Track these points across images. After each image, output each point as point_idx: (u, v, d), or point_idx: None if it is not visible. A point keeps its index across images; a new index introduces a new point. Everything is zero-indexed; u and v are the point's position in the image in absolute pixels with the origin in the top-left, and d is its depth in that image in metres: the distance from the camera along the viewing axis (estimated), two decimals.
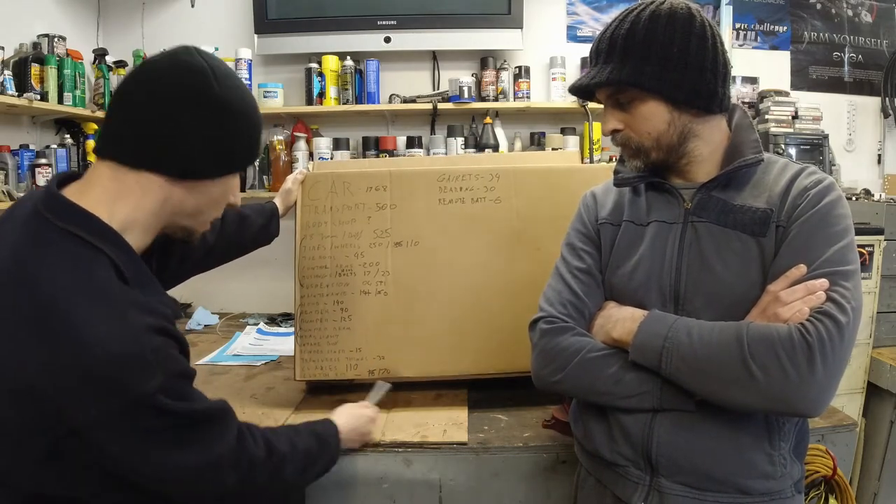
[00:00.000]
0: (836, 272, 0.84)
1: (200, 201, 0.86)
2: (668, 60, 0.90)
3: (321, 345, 1.48)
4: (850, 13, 2.98)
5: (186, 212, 0.85)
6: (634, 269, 0.99)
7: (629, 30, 0.92)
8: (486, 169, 1.54)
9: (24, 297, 0.70)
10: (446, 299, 1.49)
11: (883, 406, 2.29)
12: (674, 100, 0.92)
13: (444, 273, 1.50)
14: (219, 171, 0.86)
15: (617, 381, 0.94)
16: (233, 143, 0.85)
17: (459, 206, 1.52)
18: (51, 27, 2.35)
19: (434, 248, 1.50)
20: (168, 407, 0.74)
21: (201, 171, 0.84)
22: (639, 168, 0.99)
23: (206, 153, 0.83)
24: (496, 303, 1.48)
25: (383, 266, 1.50)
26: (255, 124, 0.89)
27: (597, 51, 0.97)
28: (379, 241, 1.50)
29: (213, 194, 0.87)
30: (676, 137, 0.95)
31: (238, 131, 0.85)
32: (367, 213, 1.51)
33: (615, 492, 0.98)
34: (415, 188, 1.52)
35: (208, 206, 0.88)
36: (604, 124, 1.00)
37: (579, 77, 1.00)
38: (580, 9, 2.83)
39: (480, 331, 1.48)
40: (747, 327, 0.84)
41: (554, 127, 2.75)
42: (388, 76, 2.69)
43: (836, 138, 2.85)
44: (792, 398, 0.80)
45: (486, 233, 1.51)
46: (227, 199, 0.91)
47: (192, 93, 0.80)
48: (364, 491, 1.27)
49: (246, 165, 0.92)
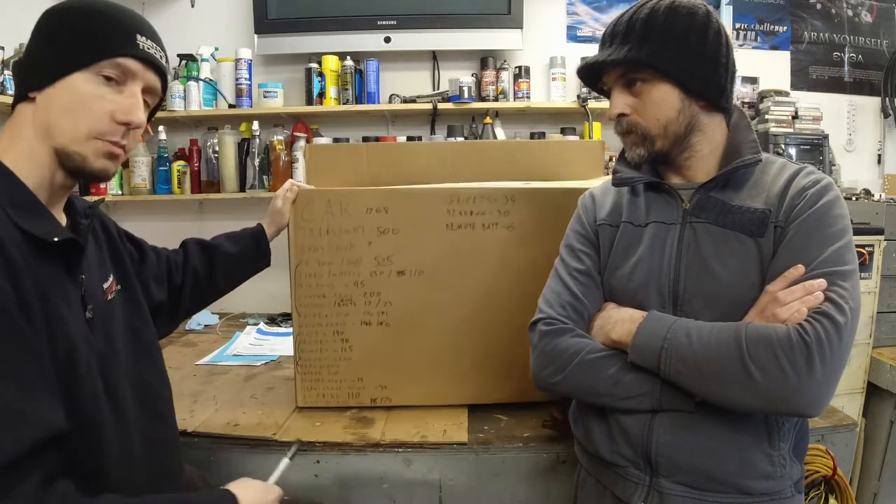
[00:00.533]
0: (834, 272, 0.84)
1: (51, 114, 0.78)
2: (685, 48, 0.91)
3: (321, 373, 1.43)
4: (850, 13, 2.98)
5: (49, 130, 0.78)
6: (633, 270, 0.99)
7: (649, 15, 0.92)
8: (500, 190, 1.38)
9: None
10: (451, 331, 1.41)
11: (883, 406, 2.29)
12: (687, 87, 0.93)
13: (451, 305, 1.40)
14: (50, 76, 0.78)
15: (616, 382, 0.94)
16: (54, 43, 0.79)
17: (469, 232, 1.38)
18: None
19: (440, 278, 1.39)
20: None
21: (35, 82, 0.79)
22: (641, 157, 0.98)
23: (36, 61, 0.80)
24: (505, 334, 1.40)
25: (385, 296, 1.40)
26: (84, 15, 0.80)
27: (612, 33, 0.96)
28: (380, 269, 1.39)
29: (62, 101, 0.78)
30: (683, 127, 0.95)
31: (59, 28, 0.80)
32: (367, 237, 1.38)
33: (615, 492, 0.98)
34: (419, 211, 1.37)
35: (63, 118, 0.78)
36: (611, 108, 0.98)
37: (589, 57, 0.98)
38: (580, 9, 2.83)
39: (486, 363, 1.43)
40: (746, 328, 0.84)
41: (554, 127, 2.75)
42: (388, 76, 2.69)
43: (836, 138, 2.85)
44: (791, 398, 0.80)
45: (496, 263, 1.39)
46: (88, 105, 0.78)
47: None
48: (364, 491, 1.27)
49: (83, 60, 0.78)
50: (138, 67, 0.81)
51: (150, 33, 0.84)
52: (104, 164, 0.81)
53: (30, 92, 0.79)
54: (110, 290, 0.92)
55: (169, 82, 0.88)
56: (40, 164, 0.79)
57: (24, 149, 0.79)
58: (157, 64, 0.84)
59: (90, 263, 0.88)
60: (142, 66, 0.82)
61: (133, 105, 0.81)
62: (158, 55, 0.85)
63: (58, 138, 0.78)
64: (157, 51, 0.85)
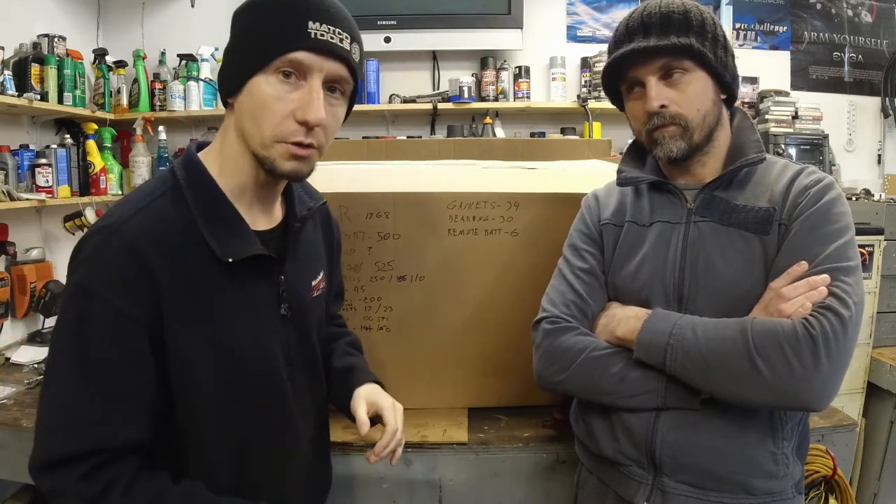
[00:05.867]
0: (838, 268, 0.84)
1: (243, 120, 0.79)
2: (718, 40, 0.93)
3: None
4: (850, 13, 2.99)
5: (243, 135, 0.80)
6: (638, 269, 0.99)
7: (680, 6, 0.93)
8: (504, 195, 1.35)
9: None
10: (452, 336, 1.38)
11: (883, 406, 2.29)
12: (721, 80, 0.94)
13: (452, 310, 1.37)
14: (237, 80, 0.78)
15: (621, 379, 0.94)
16: (236, 47, 0.80)
17: (472, 237, 1.35)
18: (51, 27, 2.35)
19: (442, 283, 1.36)
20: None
21: (230, 88, 0.80)
22: (681, 150, 0.94)
23: (227, 66, 0.81)
24: (506, 338, 1.37)
25: (385, 301, 1.37)
26: (254, 12, 0.78)
27: (644, 24, 0.93)
28: (381, 274, 1.36)
29: (249, 106, 0.78)
30: (716, 119, 0.96)
31: (238, 30, 0.80)
32: (367, 242, 1.35)
33: (618, 491, 0.98)
34: (421, 216, 1.34)
35: (250, 122, 0.78)
36: (650, 100, 0.93)
37: (620, 48, 0.95)
38: (580, 9, 2.84)
39: (488, 367, 1.40)
40: (752, 322, 0.85)
41: (554, 127, 2.75)
42: (388, 76, 2.69)
43: (836, 138, 2.85)
44: (797, 392, 0.81)
45: (499, 268, 1.36)
46: (268, 107, 0.76)
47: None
48: (364, 491, 1.27)
49: (259, 61, 0.76)
50: (312, 59, 0.75)
51: (327, 16, 0.76)
52: (294, 167, 0.79)
53: (227, 98, 0.81)
54: (317, 287, 0.96)
55: (356, 62, 0.82)
56: (243, 168, 0.82)
57: (228, 153, 0.82)
58: (335, 51, 0.77)
59: (298, 263, 0.91)
60: (316, 57, 0.75)
61: (310, 102, 0.76)
62: (337, 39, 0.77)
63: (250, 143, 0.79)
64: (336, 34, 0.77)
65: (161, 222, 0.76)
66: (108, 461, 0.72)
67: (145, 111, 2.71)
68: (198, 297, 0.76)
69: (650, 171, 1.02)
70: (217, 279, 0.78)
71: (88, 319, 0.72)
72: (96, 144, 2.51)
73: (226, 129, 0.83)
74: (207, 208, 0.79)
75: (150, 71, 2.77)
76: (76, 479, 0.71)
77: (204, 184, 0.81)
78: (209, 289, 0.77)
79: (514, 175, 1.48)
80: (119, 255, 0.72)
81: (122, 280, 0.72)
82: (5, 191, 2.03)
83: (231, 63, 0.80)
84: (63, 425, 0.72)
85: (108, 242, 0.73)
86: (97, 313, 0.72)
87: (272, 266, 0.85)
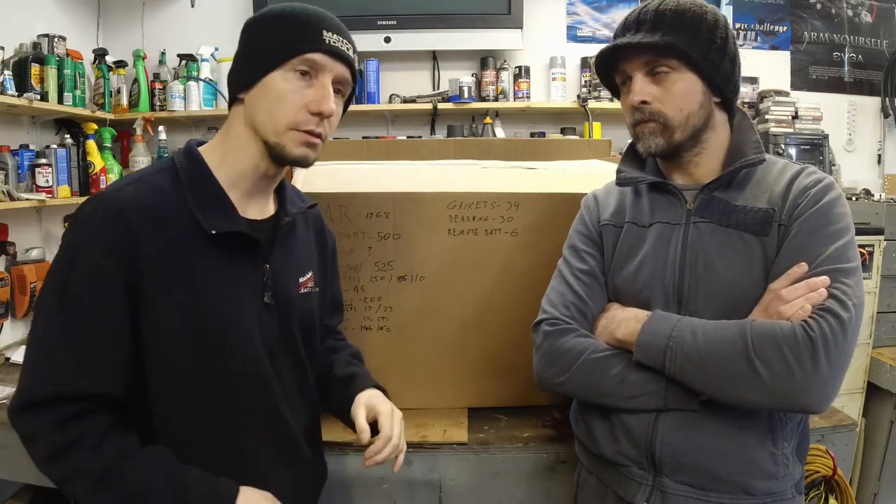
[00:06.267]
0: (838, 269, 0.84)
1: (256, 111, 0.87)
2: (713, 42, 0.93)
3: None
4: (850, 13, 2.99)
5: (255, 125, 0.87)
6: (638, 270, 0.99)
7: (678, 6, 0.93)
8: (504, 195, 1.35)
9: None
10: (452, 336, 1.38)
11: (883, 406, 2.29)
12: (710, 81, 0.94)
13: (452, 310, 1.37)
14: (253, 77, 0.87)
15: (621, 381, 0.94)
16: (253, 49, 0.89)
17: (472, 237, 1.35)
18: (51, 27, 2.35)
19: (441, 283, 1.36)
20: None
21: (242, 85, 0.88)
22: (658, 147, 0.95)
23: (241, 66, 0.90)
24: (506, 339, 1.37)
25: (385, 301, 1.37)
26: (275, 20, 0.88)
27: (638, 20, 0.95)
28: (381, 274, 1.36)
29: (264, 98, 0.87)
30: (702, 121, 0.95)
31: (257, 35, 0.89)
32: (367, 242, 1.35)
33: (617, 492, 0.98)
34: (421, 216, 1.34)
35: (264, 112, 0.86)
36: (632, 95, 0.95)
37: (618, 40, 0.96)
38: (580, 9, 2.84)
39: (488, 368, 1.40)
40: (751, 325, 0.84)
41: (554, 127, 2.75)
42: (388, 76, 2.69)
43: (836, 138, 2.85)
44: (797, 394, 0.81)
45: (499, 268, 1.36)
46: (285, 99, 0.86)
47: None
48: (364, 491, 1.27)
49: (278, 59, 0.86)
50: (326, 60, 0.86)
51: (337, 28, 0.89)
52: (303, 152, 0.88)
53: (239, 94, 0.89)
54: (305, 284, 0.99)
55: (357, 69, 0.95)
56: (248, 156, 0.89)
57: (232, 142, 0.90)
58: (344, 56, 0.89)
59: (286, 255, 0.95)
60: (330, 59, 0.87)
61: (324, 96, 0.86)
62: (345, 47, 0.89)
63: (262, 132, 0.87)
64: (344, 43, 0.89)
65: (153, 194, 0.84)
66: (82, 413, 0.78)
67: (145, 111, 2.71)
68: (179, 265, 0.82)
69: (650, 171, 1.03)
70: (201, 252, 0.84)
71: (71, 273, 0.79)
72: (96, 144, 2.52)
73: (231, 121, 0.91)
74: (200, 188, 0.87)
75: (150, 71, 2.77)
76: (50, 425, 0.77)
77: (200, 172, 0.88)
78: (192, 260, 0.83)
79: (514, 175, 1.48)
80: (106, 217, 0.80)
81: (105, 239, 0.79)
82: (5, 191, 2.03)
83: (245, 62, 0.89)
84: (41, 368, 0.79)
85: (100, 206, 0.81)
86: (80, 267, 0.79)
87: (258, 252, 0.90)
